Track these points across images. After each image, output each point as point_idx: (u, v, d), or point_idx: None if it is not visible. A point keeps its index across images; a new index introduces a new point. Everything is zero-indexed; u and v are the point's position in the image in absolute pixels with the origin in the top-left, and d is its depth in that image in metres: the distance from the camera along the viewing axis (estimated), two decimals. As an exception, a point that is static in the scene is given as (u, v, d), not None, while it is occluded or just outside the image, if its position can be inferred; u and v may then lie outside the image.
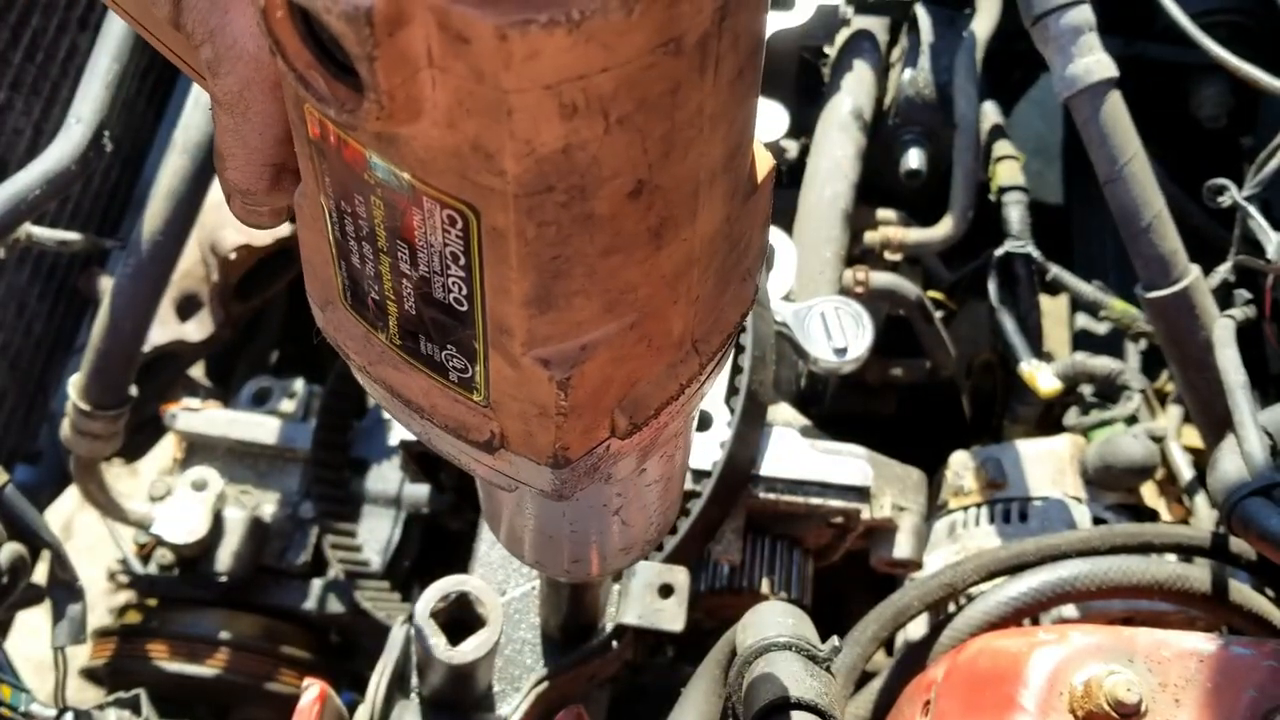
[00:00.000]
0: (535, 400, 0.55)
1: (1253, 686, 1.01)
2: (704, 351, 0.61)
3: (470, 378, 0.57)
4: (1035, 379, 1.79)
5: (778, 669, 0.97)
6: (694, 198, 0.51)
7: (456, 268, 0.51)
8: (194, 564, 1.90)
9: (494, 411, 0.58)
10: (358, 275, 0.56)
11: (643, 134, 0.46)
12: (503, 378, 0.55)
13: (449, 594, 1.23)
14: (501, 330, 0.52)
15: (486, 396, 0.57)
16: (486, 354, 0.55)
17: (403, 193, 0.49)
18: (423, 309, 0.54)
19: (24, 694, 1.54)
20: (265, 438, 1.99)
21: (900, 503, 1.57)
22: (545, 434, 0.57)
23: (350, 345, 0.61)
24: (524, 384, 0.55)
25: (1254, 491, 1.20)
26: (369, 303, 0.57)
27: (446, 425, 0.60)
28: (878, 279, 1.85)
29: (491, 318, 0.52)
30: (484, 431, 0.59)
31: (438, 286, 0.52)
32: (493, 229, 0.48)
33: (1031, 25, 1.54)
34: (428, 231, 0.50)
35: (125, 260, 1.63)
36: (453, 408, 0.59)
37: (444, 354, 0.56)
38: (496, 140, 0.44)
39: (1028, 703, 1.02)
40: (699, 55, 0.45)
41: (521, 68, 0.41)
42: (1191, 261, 1.52)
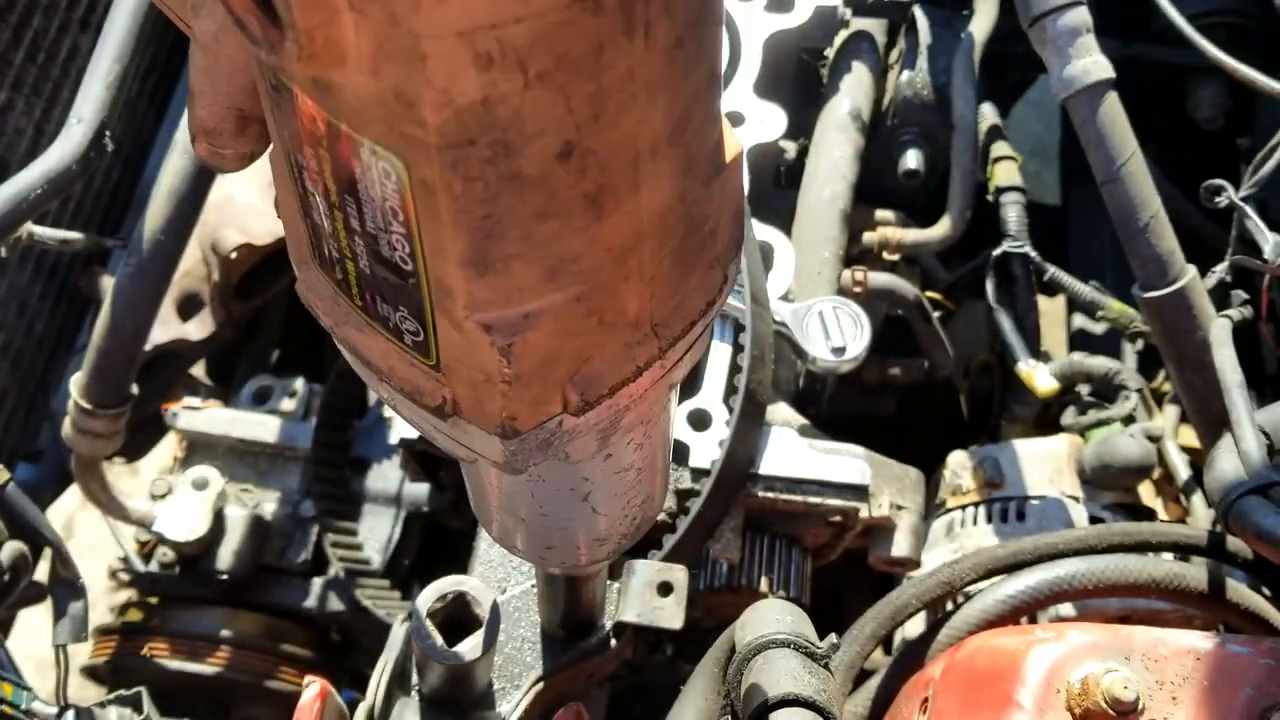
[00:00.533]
0: (481, 366, 0.55)
1: (1249, 684, 1.02)
2: (664, 335, 0.60)
3: (423, 341, 0.56)
4: (1033, 379, 1.79)
5: (776, 666, 0.97)
6: (634, 168, 0.51)
7: (397, 224, 0.51)
8: (195, 562, 1.90)
9: (445, 376, 0.58)
10: (320, 232, 0.56)
11: (566, 93, 0.46)
12: (450, 342, 0.55)
13: (447, 594, 1.23)
14: (444, 292, 0.52)
15: (437, 360, 0.57)
16: (433, 317, 0.54)
17: (341, 142, 0.49)
18: (375, 268, 0.54)
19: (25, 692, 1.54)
20: (266, 436, 1.99)
21: (898, 501, 1.57)
22: (492, 402, 0.57)
23: (320, 305, 0.61)
24: (469, 349, 0.55)
25: (1250, 490, 1.21)
26: (332, 261, 0.57)
27: (403, 389, 0.60)
28: (876, 279, 1.85)
29: (433, 278, 0.52)
30: (436, 396, 0.59)
31: (384, 244, 0.52)
32: (422, 182, 0.48)
33: (1029, 27, 1.55)
34: (369, 185, 0.50)
35: (126, 260, 1.63)
36: (409, 371, 0.59)
37: (397, 315, 0.56)
38: (415, 88, 0.44)
39: (1025, 701, 1.02)
40: (622, 16, 0.45)
41: (432, 11, 0.41)
42: (1188, 262, 1.53)
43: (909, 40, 2.03)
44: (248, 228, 2.01)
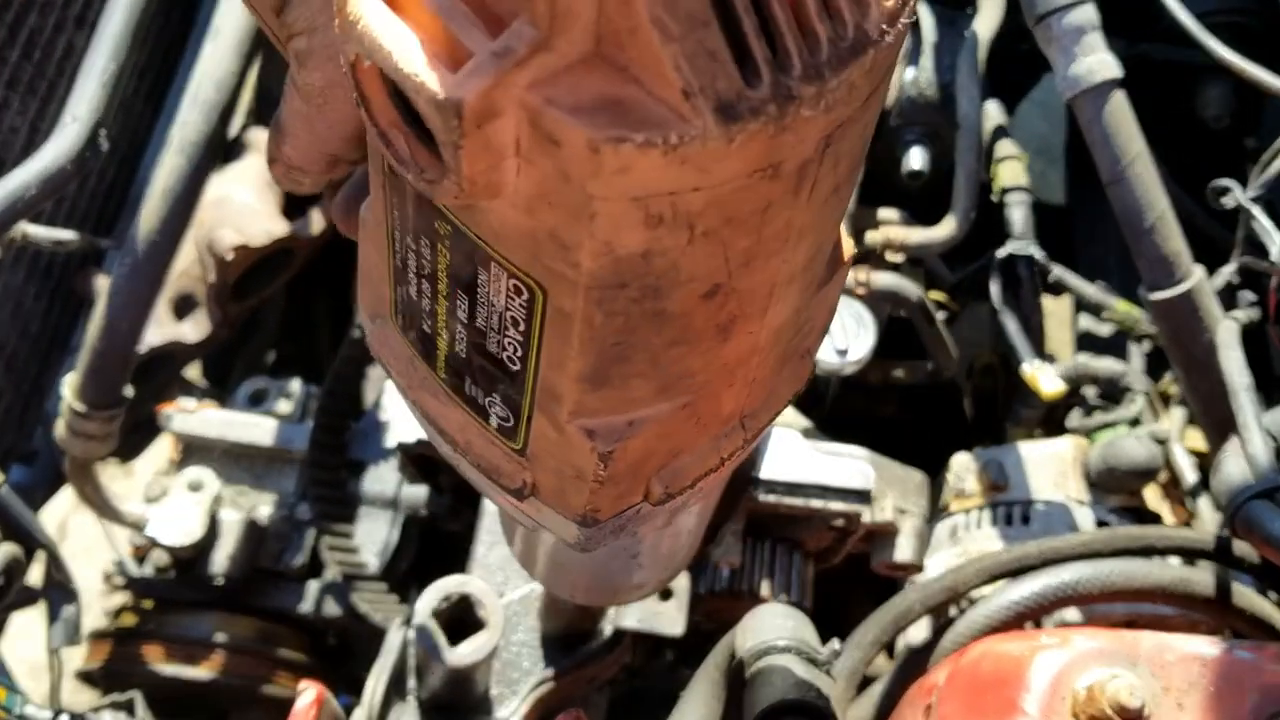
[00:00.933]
0: (574, 464, 0.56)
1: (1256, 690, 1.01)
2: (751, 427, 0.61)
3: (512, 428, 0.56)
4: (1038, 380, 1.78)
5: (777, 672, 0.96)
6: (768, 297, 0.51)
7: (515, 331, 0.50)
8: (190, 566, 1.89)
9: (529, 463, 0.58)
10: (412, 305, 0.56)
11: (725, 245, 0.45)
12: (544, 437, 0.55)
13: (451, 594, 1.22)
14: (551, 396, 0.52)
15: (525, 447, 0.57)
16: (531, 413, 0.54)
17: (472, 251, 0.48)
18: (473, 356, 0.54)
19: (19, 696, 1.53)
20: (262, 439, 1.98)
21: (902, 505, 1.56)
22: (579, 496, 0.58)
23: (394, 364, 0.61)
24: (565, 448, 0.55)
25: (1258, 494, 1.20)
26: (419, 331, 0.57)
27: (479, 464, 0.60)
28: (879, 280, 1.84)
29: (543, 383, 0.52)
30: (516, 480, 0.59)
31: (493, 342, 0.52)
32: (559, 310, 0.47)
33: (1034, 25, 1.54)
34: (491, 293, 0.49)
35: (121, 260, 1.62)
36: (488, 449, 0.59)
37: (488, 400, 0.56)
38: (575, 236, 0.43)
39: (1030, 707, 1.01)
40: (796, 179, 0.44)
41: (610, 179, 0.40)
42: (1195, 263, 1.51)
43: (912, 39, 2.02)
44: (244, 228, 2.00)
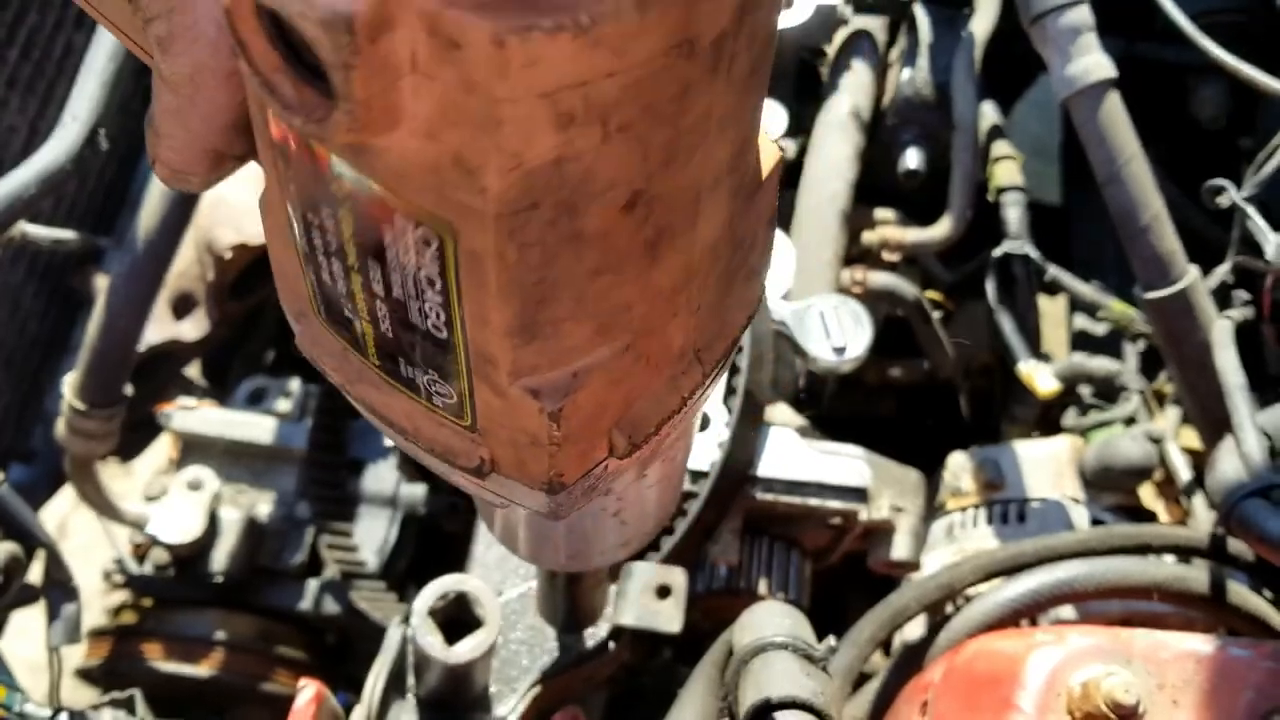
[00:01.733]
0: (526, 430, 0.52)
1: (1251, 688, 1.01)
2: (707, 360, 0.57)
3: (456, 404, 0.52)
4: (1034, 380, 1.78)
5: (774, 669, 0.97)
6: (695, 204, 0.47)
7: (433, 293, 0.47)
8: (189, 564, 1.89)
9: (482, 437, 0.54)
10: (329, 291, 0.51)
11: (643, 142, 0.42)
12: (490, 406, 0.51)
13: (448, 593, 1.23)
14: (485, 360, 0.49)
15: (474, 422, 0.53)
16: (471, 382, 0.50)
17: (372, 206, 0.44)
18: (399, 332, 0.50)
19: (18, 694, 1.53)
20: (261, 437, 1.98)
21: (898, 504, 1.57)
22: (538, 462, 0.54)
23: (327, 362, 0.57)
24: (513, 414, 0.51)
25: (1252, 493, 1.20)
26: (342, 318, 0.53)
27: (432, 449, 0.56)
28: (876, 279, 1.85)
29: (474, 347, 0.48)
30: (473, 457, 0.55)
31: (414, 311, 0.48)
32: (470, 252, 0.44)
33: (1030, 25, 1.54)
34: (400, 252, 0.46)
35: (120, 259, 1.63)
36: (438, 432, 0.55)
37: (425, 378, 0.52)
38: (480, 154, 0.40)
39: (1025, 704, 1.01)
40: (713, 56, 0.41)
41: (518, 76, 0.37)
42: (1190, 262, 1.52)
43: (909, 39, 2.02)
44: (242, 227, 2.00)
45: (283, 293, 0.58)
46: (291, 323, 0.58)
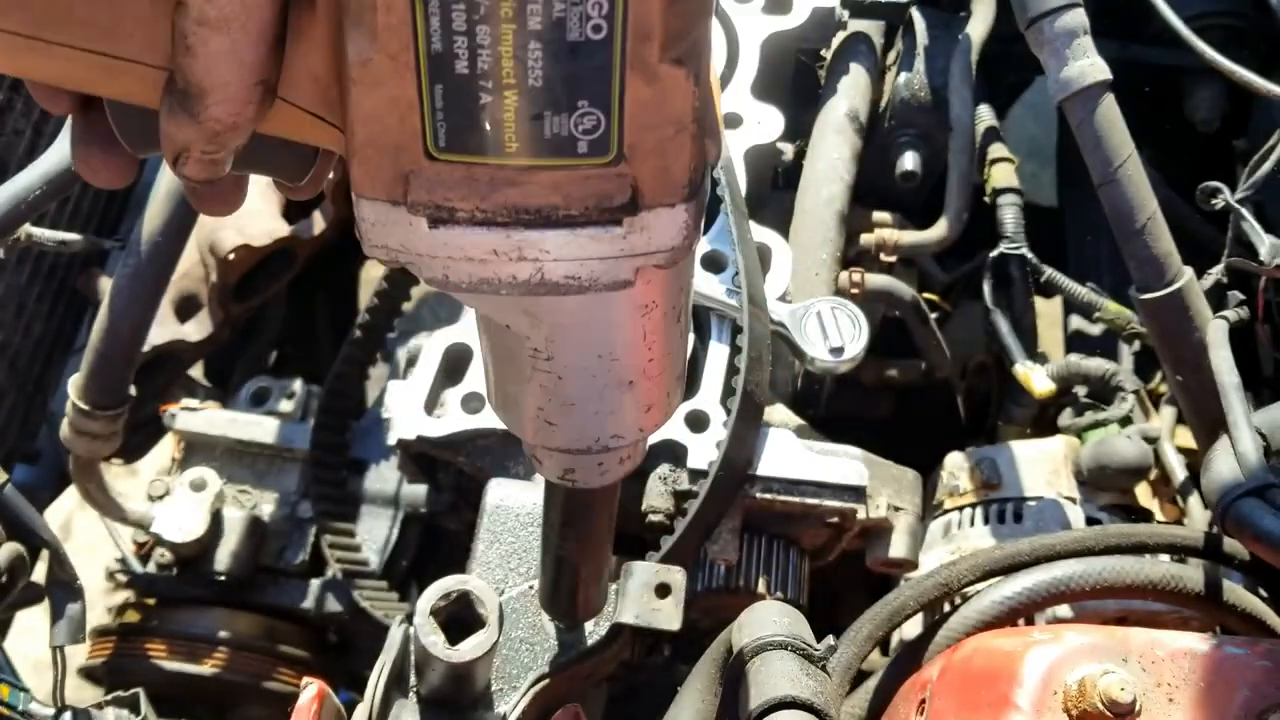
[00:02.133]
0: (673, 116, 0.57)
1: (1246, 686, 1.02)
2: None
3: (602, 135, 0.57)
4: (1030, 380, 1.79)
5: (773, 668, 0.97)
6: None
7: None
8: (193, 563, 1.90)
9: (628, 161, 0.58)
10: (462, 88, 0.54)
11: None
12: (639, 106, 0.56)
13: (450, 592, 1.23)
14: (643, 38, 0.53)
15: (620, 147, 0.57)
16: (623, 83, 0.55)
17: None
18: (552, 69, 0.54)
19: (23, 693, 1.54)
20: (264, 438, 1.99)
21: (896, 503, 1.58)
22: (680, 158, 0.59)
23: (453, 197, 0.59)
24: (661, 101, 0.56)
25: (1247, 492, 1.21)
26: (476, 118, 0.56)
27: (585, 208, 0.59)
28: (873, 280, 1.85)
29: (633, 28, 0.53)
30: (624, 190, 0.59)
31: (573, 21, 0.52)
32: None
33: (1026, 28, 1.55)
34: None
35: (124, 261, 1.63)
36: (585, 186, 0.59)
37: (573, 120, 0.56)
38: None
39: (1022, 702, 1.02)
40: None
41: None
42: (1185, 263, 1.53)
43: (906, 42, 2.03)
44: (245, 229, 2.01)
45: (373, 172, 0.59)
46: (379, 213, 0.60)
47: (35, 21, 0.58)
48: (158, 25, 0.57)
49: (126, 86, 0.62)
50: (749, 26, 1.85)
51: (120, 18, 0.58)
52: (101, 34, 0.59)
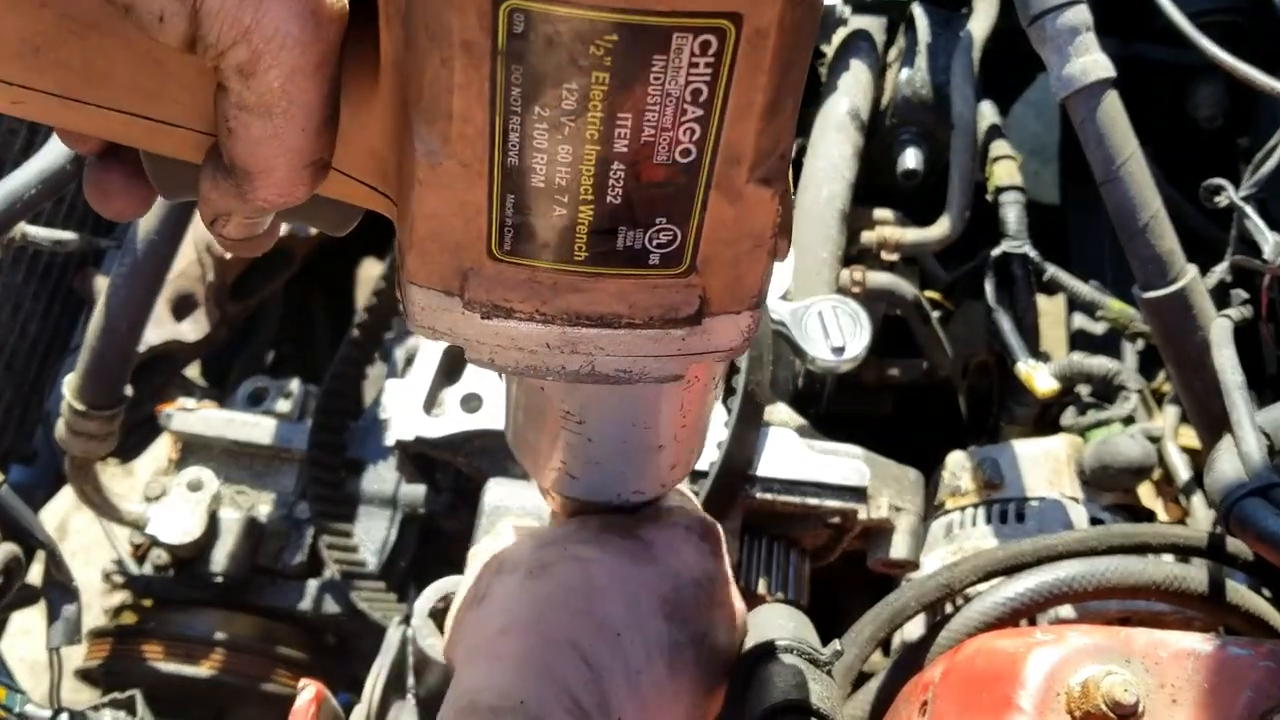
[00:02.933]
0: (752, 232, 0.55)
1: (1249, 687, 1.01)
2: None
3: (676, 249, 0.55)
4: (1032, 379, 1.78)
5: (779, 672, 0.96)
6: None
7: (694, 107, 0.49)
8: (189, 564, 1.90)
9: (700, 274, 0.57)
10: (535, 201, 0.53)
11: None
12: (719, 223, 0.54)
13: (448, 594, 1.23)
14: (731, 161, 0.51)
15: (693, 261, 0.56)
16: (705, 204, 0.53)
17: (643, 41, 0.46)
18: (632, 189, 0.52)
19: (19, 695, 1.54)
20: (261, 438, 1.98)
21: (897, 503, 1.57)
22: (755, 269, 0.58)
23: (512, 298, 0.57)
24: (743, 219, 0.54)
25: (1251, 492, 1.20)
26: (545, 227, 0.54)
27: (649, 318, 0.58)
28: (874, 279, 1.85)
29: (723, 152, 0.51)
30: (691, 303, 0.58)
31: (663, 146, 0.50)
32: (754, 32, 0.46)
33: (1028, 25, 1.54)
34: (668, 80, 0.47)
35: (120, 260, 1.63)
36: (652, 296, 0.57)
37: (649, 235, 0.54)
38: None
39: (1025, 703, 1.02)
40: None
41: None
42: (1188, 262, 1.52)
43: (908, 39, 2.02)
44: (244, 228, 2.00)
45: (433, 265, 0.57)
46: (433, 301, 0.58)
47: (75, 83, 0.55)
48: (203, 92, 0.55)
49: (168, 145, 0.59)
50: (749, 24, 1.85)
51: (165, 83, 0.56)
52: (144, 98, 0.56)
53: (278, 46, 0.49)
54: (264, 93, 0.51)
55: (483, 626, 0.90)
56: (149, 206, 0.66)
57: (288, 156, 0.53)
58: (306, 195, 0.56)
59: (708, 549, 0.99)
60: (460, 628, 0.95)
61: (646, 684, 0.87)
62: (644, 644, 0.88)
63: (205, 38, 0.49)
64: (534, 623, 0.87)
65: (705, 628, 0.95)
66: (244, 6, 0.48)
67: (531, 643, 0.85)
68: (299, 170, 0.54)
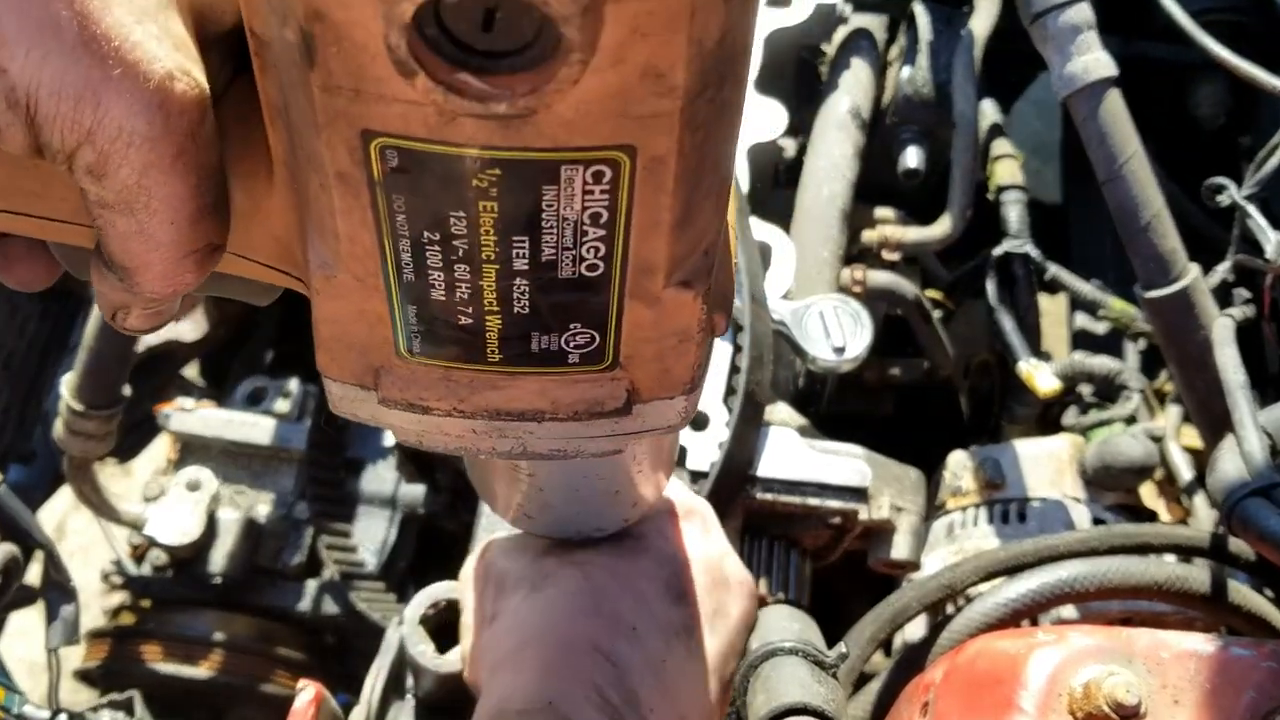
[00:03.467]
0: (677, 331, 0.52)
1: (1252, 687, 1.01)
2: None
3: (595, 349, 0.52)
4: (1034, 378, 1.78)
5: (784, 674, 0.96)
6: None
7: (595, 229, 0.46)
8: (188, 565, 1.90)
9: (625, 370, 0.54)
10: (436, 309, 0.50)
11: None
12: (639, 326, 0.51)
13: (439, 601, 1.22)
14: (644, 272, 0.48)
15: (615, 358, 0.53)
16: (620, 310, 0.50)
17: (530, 175, 0.43)
18: (539, 300, 0.49)
19: (17, 696, 1.54)
20: (260, 438, 1.98)
21: (898, 503, 1.57)
22: (685, 359, 0.55)
23: (428, 396, 0.54)
24: (664, 320, 0.51)
25: (1253, 492, 1.20)
26: (453, 333, 0.51)
27: (573, 413, 0.55)
28: (875, 278, 1.84)
29: (634, 264, 0.48)
30: (617, 396, 0.55)
31: (567, 263, 0.47)
32: (651, 160, 0.43)
33: (1030, 24, 1.54)
34: (562, 206, 0.44)
35: (119, 259, 1.62)
36: (574, 391, 0.54)
37: (564, 338, 0.51)
38: (671, 54, 0.38)
39: (1027, 704, 1.01)
40: None
41: None
42: (1190, 261, 1.52)
43: (909, 37, 2.02)
44: (242, 228, 2.00)
45: (339, 362, 0.55)
46: (347, 395, 0.57)
47: None
48: None
49: (62, 237, 0.57)
50: (750, 22, 1.84)
51: (47, 183, 0.54)
52: (28, 198, 0.55)
53: (124, 145, 0.47)
54: (120, 191, 0.48)
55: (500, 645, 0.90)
56: (55, 277, 0.63)
57: (160, 251, 0.51)
58: (197, 282, 0.54)
59: (698, 529, 1.00)
60: (477, 651, 0.96)
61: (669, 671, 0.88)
62: (659, 632, 0.89)
63: (49, 145, 0.47)
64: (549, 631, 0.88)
65: (715, 604, 0.96)
66: (81, 109, 0.46)
67: (551, 649, 0.86)
68: (178, 261, 0.52)
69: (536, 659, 0.86)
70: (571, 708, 0.79)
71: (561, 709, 0.79)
